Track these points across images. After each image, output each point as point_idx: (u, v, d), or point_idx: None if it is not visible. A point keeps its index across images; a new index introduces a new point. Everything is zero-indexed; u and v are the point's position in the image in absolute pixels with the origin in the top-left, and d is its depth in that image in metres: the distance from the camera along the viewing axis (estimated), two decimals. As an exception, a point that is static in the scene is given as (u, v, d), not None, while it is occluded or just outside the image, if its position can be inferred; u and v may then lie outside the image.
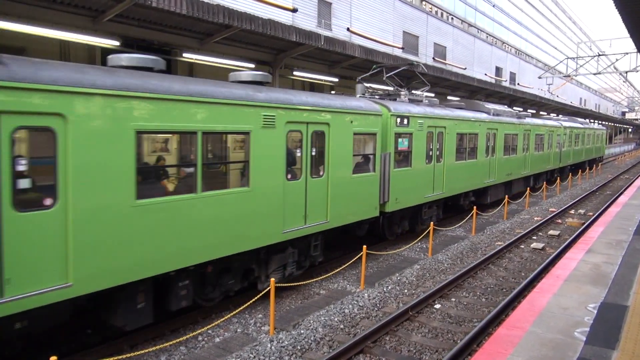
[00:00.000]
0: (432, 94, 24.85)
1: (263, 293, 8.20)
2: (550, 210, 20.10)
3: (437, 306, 9.29)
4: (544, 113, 42.33)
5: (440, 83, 24.77)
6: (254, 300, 8.33)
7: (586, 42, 55.47)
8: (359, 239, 12.79)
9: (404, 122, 12.64)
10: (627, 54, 33.34)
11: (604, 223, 12.56)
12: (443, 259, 12.40)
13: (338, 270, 10.68)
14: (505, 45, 47.03)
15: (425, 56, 29.88)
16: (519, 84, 45.46)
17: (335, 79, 19.18)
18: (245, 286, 9.11)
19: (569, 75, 39.02)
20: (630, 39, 17.34)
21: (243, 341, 7.69)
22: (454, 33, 34.49)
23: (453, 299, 9.72)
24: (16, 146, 5.43)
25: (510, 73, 45.22)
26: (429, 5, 33.37)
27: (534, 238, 15.24)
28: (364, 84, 14.32)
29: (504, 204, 18.64)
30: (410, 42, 28.81)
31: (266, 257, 9.13)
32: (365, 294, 9.68)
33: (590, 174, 36.45)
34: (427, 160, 14.00)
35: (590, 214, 19.52)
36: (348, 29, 23.28)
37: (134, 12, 11.01)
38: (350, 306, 9.06)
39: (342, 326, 8.23)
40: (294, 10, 18.78)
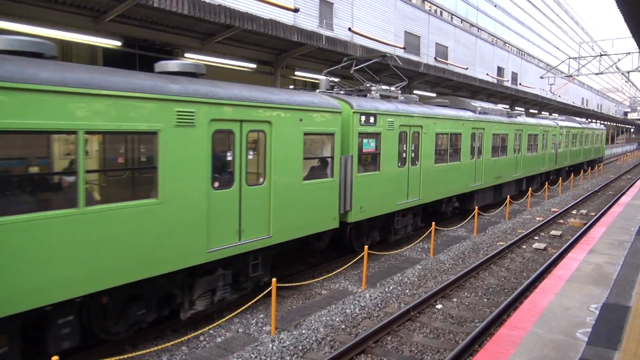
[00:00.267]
0: (434, 94, 24.90)
1: (264, 293, 8.21)
2: (552, 210, 20.08)
3: (439, 306, 9.28)
4: (545, 113, 42.28)
5: (442, 83, 24.78)
6: (255, 300, 8.33)
7: (588, 42, 55.42)
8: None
9: (370, 121, 11.31)
10: (629, 53, 33.34)
11: (606, 223, 12.54)
12: (445, 259, 12.38)
13: (339, 270, 10.69)
14: (507, 45, 46.98)
15: (427, 56, 29.88)
16: (520, 84, 45.43)
17: (336, 79, 19.15)
18: (166, 314, 7.75)
19: (571, 75, 39.00)
20: (632, 38, 17.33)
21: (244, 341, 7.70)
22: (455, 33, 34.47)
23: (455, 299, 9.71)
24: None
25: (512, 73, 45.17)
26: (430, 5, 33.36)
27: (536, 238, 15.22)
28: (329, 77, 12.61)
29: (506, 204, 18.62)
30: (412, 42, 28.81)
31: (190, 281, 7.74)
32: (367, 294, 9.68)
33: (593, 174, 36.39)
34: (400, 163, 12.66)
35: (593, 214, 19.49)
36: (350, 29, 23.30)
37: (135, 12, 11.03)
38: (352, 306, 9.05)
39: (344, 326, 8.23)
40: (296, 10, 18.82)
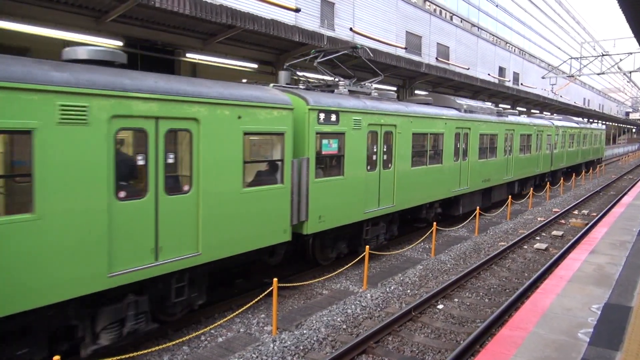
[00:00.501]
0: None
1: (266, 293, 8.21)
2: (553, 210, 20.06)
3: (440, 306, 9.28)
4: (547, 113, 42.23)
5: (444, 83, 24.78)
6: (256, 300, 8.34)
7: (590, 42, 55.26)
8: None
9: (331, 119, 10.12)
10: (631, 54, 33.31)
11: (608, 224, 12.53)
12: (446, 260, 12.38)
13: (341, 270, 10.69)
14: (509, 45, 46.94)
15: (428, 56, 29.87)
16: (522, 84, 45.38)
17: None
18: (65, 349, 6.54)
19: (573, 75, 38.97)
20: (634, 38, 17.31)
21: (246, 341, 7.70)
22: (457, 33, 34.45)
23: (456, 300, 9.71)
24: None
25: (514, 73, 45.13)
26: (431, 5, 33.35)
27: (538, 238, 15.20)
28: (292, 70, 11.61)
29: (507, 205, 18.61)
30: (413, 42, 28.80)
31: (91, 311, 6.52)
32: (368, 294, 9.68)
33: (594, 174, 36.34)
34: (370, 166, 11.40)
35: (594, 214, 19.47)
36: (351, 29, 23.30)
37: (137, 13, 11.04)
38: (353, 306, 9.05)
39: (345, 326, 8.23)
40: (297, 10, 18.82)
